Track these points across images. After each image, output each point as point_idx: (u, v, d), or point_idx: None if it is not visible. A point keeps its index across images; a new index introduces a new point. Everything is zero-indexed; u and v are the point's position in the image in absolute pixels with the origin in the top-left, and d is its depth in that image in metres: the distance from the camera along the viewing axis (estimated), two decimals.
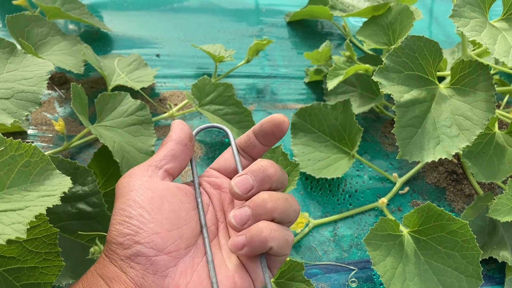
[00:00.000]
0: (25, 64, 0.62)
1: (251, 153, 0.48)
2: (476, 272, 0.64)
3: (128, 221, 0.39)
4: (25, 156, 0.42)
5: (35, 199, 0.39)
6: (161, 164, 0.44)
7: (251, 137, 0.47)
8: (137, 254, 0.38)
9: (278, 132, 0.46)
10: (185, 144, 0.46)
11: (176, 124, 0.47)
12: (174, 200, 0.42)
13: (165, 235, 0.39)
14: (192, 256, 0.41)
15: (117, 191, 0.42)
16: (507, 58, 0.65)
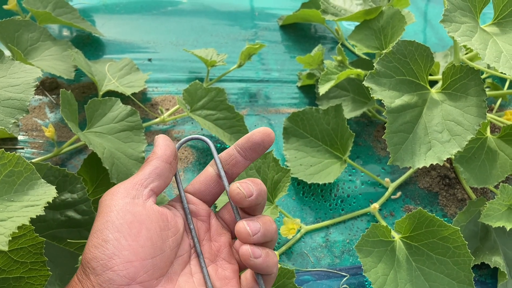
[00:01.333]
0: (13, 71, 0.62)
1: (232, 170, 0.47)
2: (468, 278, 0.64)
3: (103, 245, 0.38)
4: (9, 165, 0.41)
5: (19, 209, 0.39)
6: (147, 183, 0.43)
7: (233, 154, 0.47)
8: (109, 282, 0.38)
9: (268, 142, 0.45)
10: (170, 162, 0.45)
11: (161, 139, 0.46)
12: (153, 228, 0.41)
13: (139, 264, 0.39)
14: (163, 286, 0.41)
15: (99, 208, 0.41)
16: (497, 63, 0.65)
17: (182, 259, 0.44)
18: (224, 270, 0.45)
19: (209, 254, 0.46)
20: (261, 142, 0.45)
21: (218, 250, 0.46)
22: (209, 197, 0.48)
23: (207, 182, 0.47)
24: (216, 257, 0.46)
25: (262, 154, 0.46)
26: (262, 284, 0.44)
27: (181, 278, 0.43)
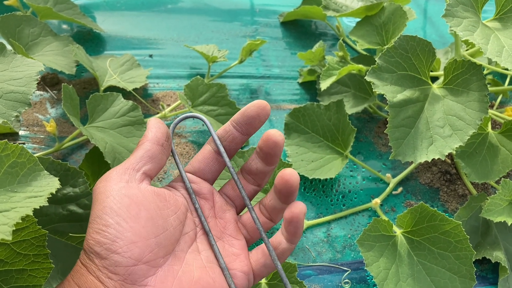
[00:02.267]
0: (15, 64, 0.62)
1: (230, 146, 0.47)
2: (469, 272, 0.64)
3: (105, 229, 0.38)
4: (12, 156, 0.41)
5: (22, 200, 0.39)
6: (139, 167, 0.43)
7: (229, 129, 0.46)
8: (115, 264, 0.38)
9: (263, 115, 0.45)
10: (162, 144, 0.44)
11: (152, 123, 0.45)
12: (151, 207, 0.41)
13: (142, 244, 0.39)
14: (170, 264, 0.41)
15: (94, 196, 0.41)
16: (499, 58, 0.65)
17: (188, 237, 0.44)
18: (231, 247, 0.45)
19: (215, 231, 0.46)
20: (256, 116, 0.45)
21: (224, 227, 0.46)
22: (210, 175, 0.47)
23: (206, 160, 0.47)
24: (222, 233, 0.46)
25: (259, 128, 0.46)
26: (275, 257, 0.44)
27: (188, 256, 0.43)
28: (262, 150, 0.45)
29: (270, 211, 0.46)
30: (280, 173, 0.43)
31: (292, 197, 0.44)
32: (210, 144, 0.47)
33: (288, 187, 0.43)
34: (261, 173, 0.47)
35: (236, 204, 0.49)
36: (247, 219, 0.48)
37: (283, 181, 0.43)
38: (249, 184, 0.48)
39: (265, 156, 0.45)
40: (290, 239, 0.44)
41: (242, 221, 0.48)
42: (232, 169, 0.46)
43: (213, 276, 0.43)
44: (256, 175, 0.47)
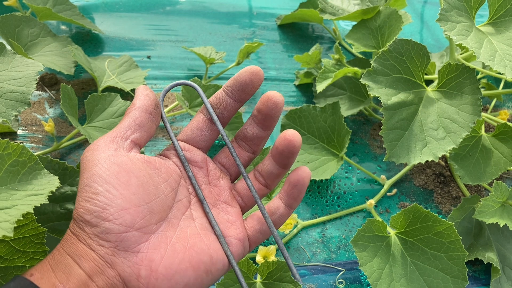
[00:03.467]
0: (14, 64, 0.63)
1: (223, 114, 0.46)
2: (462, 273, 0.65)
3: (94, 197, 0.37)
4: (13, 155, 0.42)
5: (23, 198, 0.39)
6: (127, 135, 0.42)
7: (222, 96, 0.45)
8: (106, 232, 0.37)
9: (256, 81, 0.44)
10: (151, 112, 0.43)
11: (140, 90, 0.44)
12: (142, 175, 0.40)
13: (134, 211, 0.38)
14: (163, 231, 0.40)
15: (82, 165, 0.40)
16: (492, 62, 0.66)
17: (181, 204, 0.43)
18: (226, 214, 0.45)
19: (209, 199, 0.45)
20: (249, 81, 0.44)
21: (218, 194, 0.46)
22: (203, 143, 0.47)
23: (198, 128, 0.46)
24: (217, 201, 0.46)
25: (252, 94, 0.45)
26: (271, 223, 0.44)
27: (182, 223, 0.42)
28: (260, 112, 0.44)
29: (266, 177, 0.46)
30: (282, 133, 0.43)
31: (292, 159, 0.44)
32: (203, 112, 0.46)
33: (291, 147, 0.43)
34: (257, 138, 0.46)
35: (231, 172, 0.48)
36: (241, 186, 0.47)
37: (286, 141, 0.42)
38: (244, 151, 0.47)
39: (264, 118, 0.45)
40: (290, 203, 0.44)
41: (236, 188, 0.47)
42: (226, 137, 0.46)
43: (208, 243, 0.42)
44: (251, 141, 0.46)
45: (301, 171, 0.43)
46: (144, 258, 0.38)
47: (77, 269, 0.36)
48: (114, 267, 0.37)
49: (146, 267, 0.38)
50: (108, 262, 0.37)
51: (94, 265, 0.37)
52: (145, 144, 0.44)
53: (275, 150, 0.44)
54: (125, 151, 0.41)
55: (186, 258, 0.40)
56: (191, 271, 0.39)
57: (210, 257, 0.41)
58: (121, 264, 0.37)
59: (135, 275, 0.37)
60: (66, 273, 0.36)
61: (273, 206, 0.45)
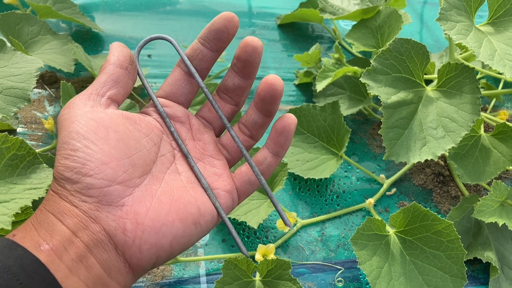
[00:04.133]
0: (15, 61, 0.63)
1: (200, 65, 0.44)
2: (461, 272, 0.65)
3: (73, 154, 0.36)
4: (12, 149, 0.42)
5: (21, 192, 0.39)
6: (103, 91, 0.40)
7: (198, 47, 0.44)
8: (88, 187, 0.36)
9: (231, 27, 0.42)
10: (126, 67, 0.42)
11: (114, 46, 0.42)
12: (121, 129, 0.39)
13: (115, 165, 0.37)
14: (148, 184, 0.39)
15: (59, 124, 0.39)
16: (491, 61, 0.66)
17: (165, 158, 0.42)
18: (212, 167, 0.44)
19: (194, 153, 0.44)
20: (224, 28, 0.42)
21: (203, 148, 0.45)
22: (183, 97, 0.45)
23: (176, 82, 0.45)
24: (202, 155, 0.45)
25: (228, 42, 0.43)
26: (258, 172, 0.43)
27: (167, 177, 0.41)
28: (239, 59, 0.43)
29: (251, 127, 0.45)
30: (264, 79, 0.42)
31: (275, 105, 0.43)
32: (180, 65, 0.45)
33: (273, 92, 0.42)
34: (239, 88, 0.45)
35: (215, 126, 0.47)
36: (227, 139, 0.46)
37: (267, 86, 0.42)
38: (226, 103, 0.46)
39: (243, 66, 0.43)
40: (277, 151, 0.44)
41: (222, 142, 0.46)
42: (206, 89, 0.44)
43: (195, 195, 0.41)
44: (233, 92, 0.45)
45: (287, 117, 0.43)
46: (129, 212, 0.37)
47: (60, 226, 0.35)
48: (98, 222, 0.36)
49: (131, 220, 0.37)
50: (92, 217, 0.36)
51: (77, 221, 0.36)
52: (122, 100, 0.43)
53: (257, 97, 0.43)
54: (102, 107, 0.40)
55: (173, 210, 0.39)
56: (179, 223, 0.39)
57: (198, 208, 0.40)
58: (106, 218, 0.36)
59: (121, 229, 0.36)
60: (49, 231, 0.35)
61: (261, 156, 0.45)
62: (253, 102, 0.44)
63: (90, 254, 0.35)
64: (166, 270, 0.71)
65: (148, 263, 0.38)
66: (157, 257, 0.38)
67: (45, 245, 0.34)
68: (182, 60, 0.45)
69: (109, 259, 0.36)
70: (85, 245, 0.35)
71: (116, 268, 0.37)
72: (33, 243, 0.34)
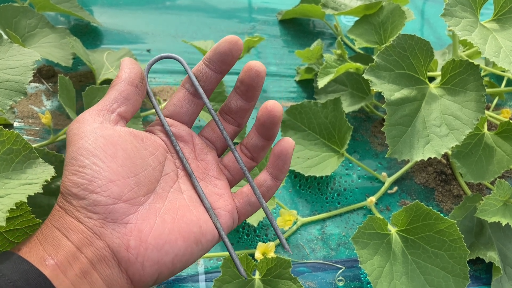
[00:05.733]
0: (11, 53, 0.61)
1: (205, 87, 0.45)
2: (463, 272, 0.64)
3: (81, 170, 0.37)
4: (7, 143, 0.41)
5: (16, 187, 0.38)
6: (113, 108, 0.41)
7: (202, 69, 0.44)
8: (94, 204, 0.37)
9: (236, 51, 0.43)
10: (136, 85, 0.42)
11: (125, 63, 0.43)
12: (128, 147, 0.39)
13: (121, 183, 0.38)
14: (152, 202, 0.40)
15: (68, 139, 0.39)
16: (497, 58, 0.65)
17: (169, 177, 0.43)
18: (214, 187, 0.45)
19: (196, 172, 0.45)
20: (229, 52, 0.43)
21: (205, 168, 0.46)
22: (187, 117, 0.46)
23: (181, 102, 0.45)
24: (204, 175, 0.45)
25: (232, 65, 0.44)
26: (259, 194, 0.44)
27: (171, 195, 0.42)
28: (243, 83, 0.44)
29: (252, 150, 0.46)
30: (263, 105, 0.42)
31: (274, 129, 0.44)
32: (185, 86, 0.46)
33: (272, 117, 0.42)
34: (241, 111, 0.46)
35: (217, 146, 0.48)
36: (228, 160, 0.47)
37: (266, 112, 0.42)
38: (229, 124, 0.47)
39: (246, 89, 0.44)
40: (277, 174, 0.44)
41: (223, 162, 0.47)
42: (212, 109, 0.45)
43: (197, 214, 0.42)
44: (236, 113, 0.46)
45: (284, 142, 0.43)
46: (133, 229, 0.38)
47: (66, 242, 0.36)
48: (103, 238, 0.37)
49: (135, 238, 0.37)
50: (97, 233, 0.37)
51: (82, 237, 0.36)
52: (131, 117, 0.43)
53: (258, 122, 0.44)
54: (111, 124, 0.40)
55: (176, 228, 0.40)
56: (181, 241, 0.39)
57: (200, 227, 0.41)
58: (110, 235, 0.37)
59: (125, 246, 0.37)
60: (54, 246, 0.36)
61: (261, 178, 0.45)
62: (254, 125, 0.45)
63: (93, 269, 0.36)
64: None
65: (150, 279, 0.39)
66: (158, 274, 0.39)
67: (50, 260, 0.35)
68: (187, 80, 0.45)
69: (112, 275, 0.37)
70: (89, 261, 0.36)
71: (119, 284, 0.38)
72: (38, 258, 0.35)
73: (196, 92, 0.45)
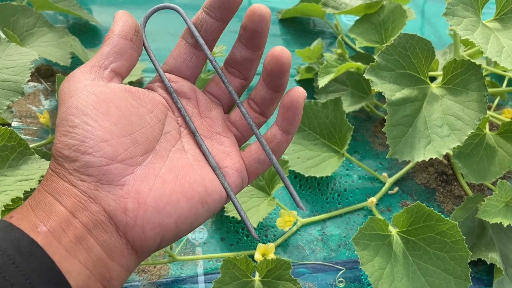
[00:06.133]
0: (8, 53, 0.61)
1: (206, 37, 0.42)
2: (465, 273, 0.63)
3: (72, 131, 0.34)
4: (2, 140, 0.40)
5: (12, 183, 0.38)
6: (106, 64, 0.38)
7: (202, 17, 0.41)
8: (87, 166, 0.34)
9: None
10: (131, 38, 0.39)
11: (119, 15, 0.40)
12: (123, 104, 0.37)
13: (115, 142, 0.35)
14: (151, 162, 0.37)
15: (59, 98, 0.37)
16: (499, 58, 0.64)
17: (170, 136, 0.40)
18: (220, 145, 0.42)
19: (201, 130, 0.42)
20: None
21: (210, 125, 0.43)
22: (189, 72, 0.43)
23: (182, 56, 0.42)
24: (210, 132, 0.43)
25: (235, 11, 0.40)
26: (269, 150, 0.41)
27: (172, 155, 0.39)
28: (246, 29, 0.40)
29: (260, 104, 0.43)
30: (270, 51, 0.39)
31: (283, 79, 0.40)
32: (185, 37, 0.43)
33: (280, 65, 0.39)
34: (247, 61, 0.42)
35: (223, 102, 0.44)
36: (236, 116, 0.44)
37: (273, 59, 0.39)
38: (234, 78, 0.43)
39: (251, 36, 0.40)
40: (287, 128, 0.41)
41: (230, 119, 0.44)
42: (215, 62, 0.41)
43: (202, 174, 0.39)
44: (241, 65, 0.42)
45: (294, 91, 0.40)
46: (130, 191, 0.35)
47: (58, 206, 0.34)
48: (98, 202, 0.35)
49: (133, 200, 0.35)
50: (91, 197, 0.35)
51: (76, 201, 0.34)
52: (127, 74, 0.40)
53: (265, 72, 0.41)
54: (104, 81, 0.37)
55: (178, 188, 0.37)
56: (184, 202, 0.37)
57: (205, 187, 0.38)
58: (105, 198, 0.35)
59: (121, 209, 0.35)
60: (46, 211, 0.34)
61: (270, 134, 0.42)
62: (261, 76, 0.42)
63: (89, 235, 0.34)
64: (163, 269, 0.69)
65: (153, 244, 0.36)
66: (161, 237, 0.37)
67: (42, 226, 0.33)
68: (187, 31, 0.42)
69: (110, 241, 0.35)
70: (84, 226, 0.34)
71: (118, 250, 0.35)
72: (29, 225, 0.33)
73: (197, 43, 0.42)
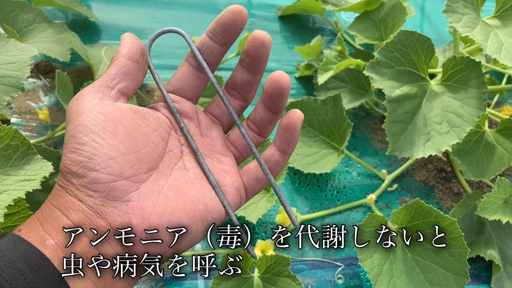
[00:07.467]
0: (8, 48, 0.61)
1: (209, 60, 0.44)
2: (463, 270, 0.63)
3: (80, 148, 0.36)
4: (5, 139, 0.40)
5: (15, 183, 0.38)
6: (113, 84, 0.40)
7: (206, 41, 0.43)
8: (94, 182, 0.36)
9: (240, 21, 0.41)
10: (137, 60, 0.41)
11: (126, 38, 0.42)
12: (129, 124, 0.38)
13: (121, 160, 0.37)
14: (155, 180, 0.39)
15: (67, 116, 0.39)
16: (499, 55, 0.64)
17: (173, 154, 0.42)
18: (220, 163, 0.44)
19: (202, 149, 0.44)
20: (232, 22, 0.41)
21: (211, 145, 0.45)
22: (191, 93, 0.44)
23: (185, 77, 0.44)
24: (210, 151, 0.44)
25: (237, 36, 0.42)
26: (267, 170, 0.43)
27: (175, 172, 0.41)
28: (248, 54, 0.42)
29: (259, 125, 0.45)
30: (270, 76, 0.41)
31: (282, 102, 0.42)
32: (188, 60, 0.44)
33: (279, 89, 0.41)
34: (247, 84, 0.44)
35: (223, 122, 0.46)
36: (235, 136, 0.46)
37: (273, 83, 0.41)
38: (235, 99, 0.45)
39: (252, 61, 0.42)
40: (285, 148, 0.43)
41: (230, 139, 0.46)
42: (217, 84, 0.43)
43: (203, 192, 0.41)
44: (242, 87, 0.44)
45: (292, 113, 0.42)
46: (135, 207, 0.37)
47: (66, 221, 0.35)
48: (104, 217, 0.36)
49: (137, 216, 0.37)
50: (98, 212, 0.36)
51: (83, 216, 0.36)
52: (132, 94, 0.42)
53: (264, 95, 0.42)
54: (111, 100, 0.39)
55: (180, 206, 0.39)
56: (185, 219, 0.39)
57: (205, 205, 0.40)
58: (111, 213, 0.36)
59: (126, 225, 0.36)
60: (54, 225, 0.35)
61: (268, 153, 0.44)
62: (261, 98, 0.43)
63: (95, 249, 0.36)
64: (163, 265, 0.69)
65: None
66: (163, 252, 0.38)
67: (50, 240, 0.35)
68: (191, 54, 0.44)
69: (114, 255, 0.37)
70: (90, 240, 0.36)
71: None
72: (38, 238, 0.35)
73: (200, 66, 0.43)
